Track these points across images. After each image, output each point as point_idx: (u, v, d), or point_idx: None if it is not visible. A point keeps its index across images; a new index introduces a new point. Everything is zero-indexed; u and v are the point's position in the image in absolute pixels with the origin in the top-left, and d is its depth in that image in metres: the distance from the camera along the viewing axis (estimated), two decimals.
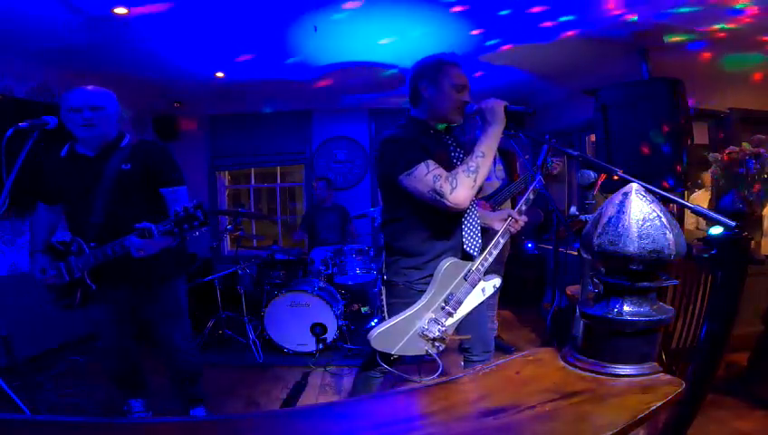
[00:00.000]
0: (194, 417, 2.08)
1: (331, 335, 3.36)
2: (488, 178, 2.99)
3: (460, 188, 1.47)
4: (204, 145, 5.40)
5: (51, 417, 1.72)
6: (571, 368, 0.91)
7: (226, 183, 5.74)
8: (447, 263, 1.58)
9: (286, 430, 0.80)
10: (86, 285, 1.88)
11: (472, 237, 1.68)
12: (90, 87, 1.89)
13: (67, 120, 1.84)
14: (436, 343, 1.55)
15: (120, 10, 2.66)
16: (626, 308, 0.86)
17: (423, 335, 1.53)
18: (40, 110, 1.88)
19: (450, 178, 1.48)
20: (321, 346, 3.33)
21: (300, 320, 3.36)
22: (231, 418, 0.83)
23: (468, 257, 1.67)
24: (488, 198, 2.93)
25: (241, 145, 5.39)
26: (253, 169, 5.73)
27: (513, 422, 0.74)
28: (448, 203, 1.48)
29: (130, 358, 2.20)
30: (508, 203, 3.00)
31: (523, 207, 1.75)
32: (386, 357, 1.58)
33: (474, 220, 1.70)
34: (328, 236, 4.43)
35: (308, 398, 2.76)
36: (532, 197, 1.77)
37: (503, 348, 3.29)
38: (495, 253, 1.63)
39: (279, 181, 5.80)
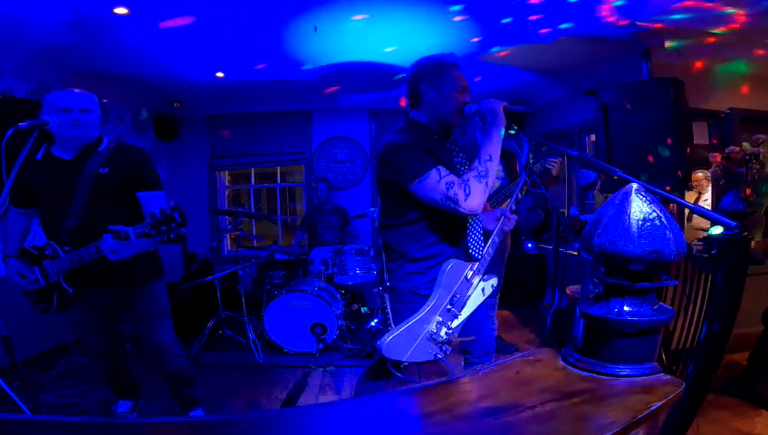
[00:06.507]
0: (194, 417, 2.08)
1: (331, 335, 3.36)
2: None
3: (474, 195, 1.46)
4: (204, 145, 5.40)
5: (51, 417, 1.72)
6: (571, 368, 0.91)
7: (226, 183, 5.74)
8: (451, 264, 1.58)
9: (286, 430, 0.80)
10: (62, 289, 1.86)
11: (476, 240, 1.68)
12: (76, 90, 1.88)
13: (55, 121, 1.80)
14: (444, 347, 1.54)
15: (121, 10, 2.66)
16: (626, 308, 0.86)
17: (432, 339, 1.52)
18: (40, 110, 1.87)
19: (463, 185, 1.47)
20: (321, 346, 3.33)
21: (300, 320, 3.36)
22: (231, 418, 0.83)
23: (471, 260, 1.67)
24: (488, 199, 2.93)
25: (241, 145, 5.39)
26: (253, 169, 5.73)
27: (513, 422, 0.74)
28: (463, 210, 1.47)
29: (116, 360, 2.20)
30: (506, 203, 3.00)
31: (513, 206, 1.75)
32: (396, 364, 1.57)
33: (477, 223, 1.70)
34: (328, 236, 4.43)
35: (308, 398, 2.76)
36: (520, 196, 1.79)
37: (503, 348, 3.29)
38: (492, 252, 1.64)
39: (279, 181, 5.80)
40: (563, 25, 3.00)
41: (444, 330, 1.54)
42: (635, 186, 0.88)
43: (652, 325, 0.85)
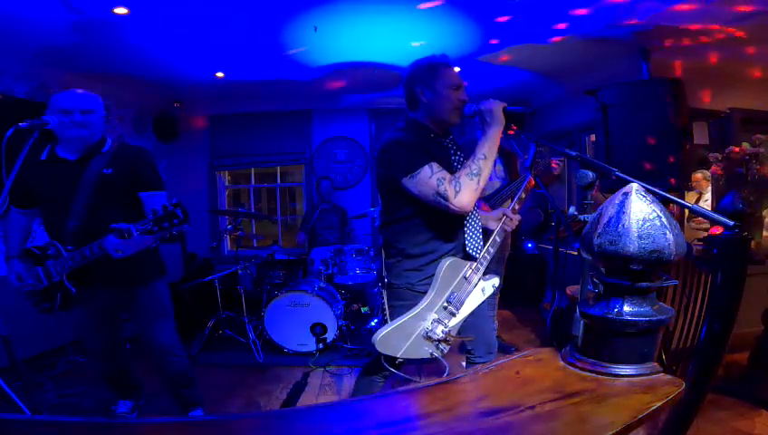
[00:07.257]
0: (194, 417, 2.08)
1: (331, 335, 3.36)
2: (489, 178, 3.00)
3: (464, 192, 1.47)
4: (204, 145, 5.40)
5: (51, 417, 1.72)
6: (571, 368, 0.91)
7: (226, 183, 5.74)
8: (447, 262, 1.58)
9: (286, 430, 0.80)
10: (65, 288, 1.87)
11: (474, 239, 1.68)
12: (79, 90, 1.88)
13: (56, 121, 1.80)
14: (441, 345, 1.54)
15: (121, 10, 2.66)
16: (626, 308, 0.86)
17: (427, 337, 1.52)
18: (40, 110, 1.87)
19: (454, 182, 1.47)
20: (321, 346, 3.33)
21: (300, 320, 3.36)
22: (230, 418, 0.83)
23: (470, 259, 1.67)
24: (488, 199, 2.93)
25: (241, 145, 5.39)
26: (253, 169, 5.73)
27: (513, 422, 0.74)
28: (452, 206, 1.47)
29: (117, 359, 2.20)
30: (508, 203, 3.01)
31: (516, 206, 1.75)
32: (391, 360, 1.57)
33: (475, 222, 1.71)
34: (328, 236, 4.44)
35: (308, 398, 2.76)
36: (524, 196, 1.79)
37: (503, 348, 3.29)
38: (493, 251, 1.64)
39: (279, 181, 5.80)
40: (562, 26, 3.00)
41: (440, 328, 1.54)
42: (635, 186, 0.88)
43: (652, 325, 0.85)
